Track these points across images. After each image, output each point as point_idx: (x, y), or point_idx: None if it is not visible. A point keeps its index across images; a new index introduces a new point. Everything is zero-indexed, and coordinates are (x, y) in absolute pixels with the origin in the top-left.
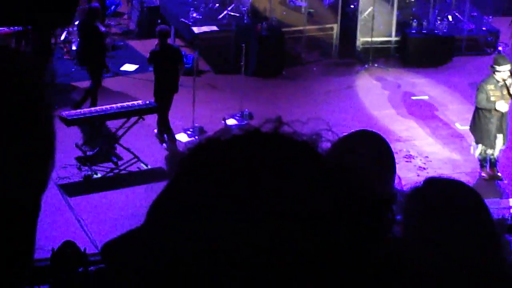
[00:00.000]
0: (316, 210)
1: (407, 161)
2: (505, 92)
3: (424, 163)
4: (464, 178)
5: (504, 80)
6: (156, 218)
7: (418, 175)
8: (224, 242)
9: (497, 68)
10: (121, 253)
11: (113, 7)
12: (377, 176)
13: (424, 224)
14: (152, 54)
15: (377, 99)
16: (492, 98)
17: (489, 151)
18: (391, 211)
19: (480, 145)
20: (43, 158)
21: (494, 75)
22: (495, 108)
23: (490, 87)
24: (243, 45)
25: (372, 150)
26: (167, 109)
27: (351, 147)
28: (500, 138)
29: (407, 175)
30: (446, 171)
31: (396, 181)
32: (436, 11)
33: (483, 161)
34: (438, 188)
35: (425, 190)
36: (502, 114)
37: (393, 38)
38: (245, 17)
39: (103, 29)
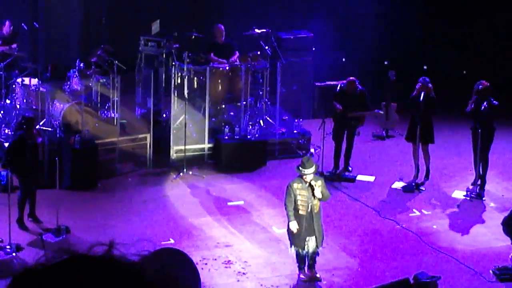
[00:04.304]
0: None
1: (226, 267)
2: (311, 192)
3: (244, 268)
4: (283, 281)
5: (309, 182)
6: None
7: (238, 281)
8: None
9: (302, 171)
10: None
11: None
12: None
13: None
14: None
15: (193, 207)
16: (299, 197)
17: (302, 252)
18: None
19: (293, 247)
20: None
21: (301, 176)
22: (300, 210)
23: (298, 186)
24: (57, 158)
25: (180, 269)
26: None
27: (160, 265)
28: (312, 241)
29: (227, 281)
30: (265, 275)
31: None
32: (247, 116)
33: (301, 263)
34: None
35: None
36: (312, 215)
37: (206, 145)
38: (57, 131)
39: None
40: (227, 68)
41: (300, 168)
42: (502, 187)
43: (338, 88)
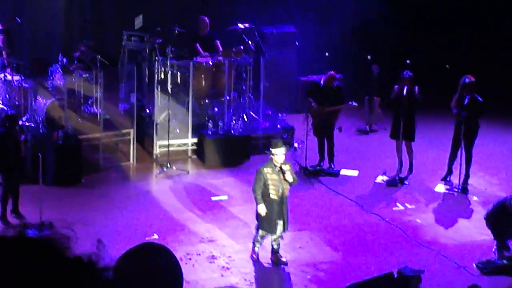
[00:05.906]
0: None
1: (210, 262)
2: (281, 176)
3: (228, 263)
4: (266, 275)
5: (280, 165)
6: None
7: (222, 276)
8: None
9: (273, 151)
10: None
11: None
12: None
13: None
14: None
15: (177, 202)
16: (270, 182)
17: (272, 237)
18: None
19: (260, 230)
20: None
21: (272, 160)
22: (271, 194)
23: (268, 170)
24: (40, 154)
25: (162, 264)
26: None
27: (139, 258)
28: (280, 224)
29: (212, 276)
30: (249, 270)
31: None
32: (231, 111)
33: (257, 242)
34: None
35: None
36: (282, 199)
37: (190, 140)
38: (40, 127)
39: None
40: (211, 63)
41: (271, 149)
42: (485, 181)
43: (323, 83)
